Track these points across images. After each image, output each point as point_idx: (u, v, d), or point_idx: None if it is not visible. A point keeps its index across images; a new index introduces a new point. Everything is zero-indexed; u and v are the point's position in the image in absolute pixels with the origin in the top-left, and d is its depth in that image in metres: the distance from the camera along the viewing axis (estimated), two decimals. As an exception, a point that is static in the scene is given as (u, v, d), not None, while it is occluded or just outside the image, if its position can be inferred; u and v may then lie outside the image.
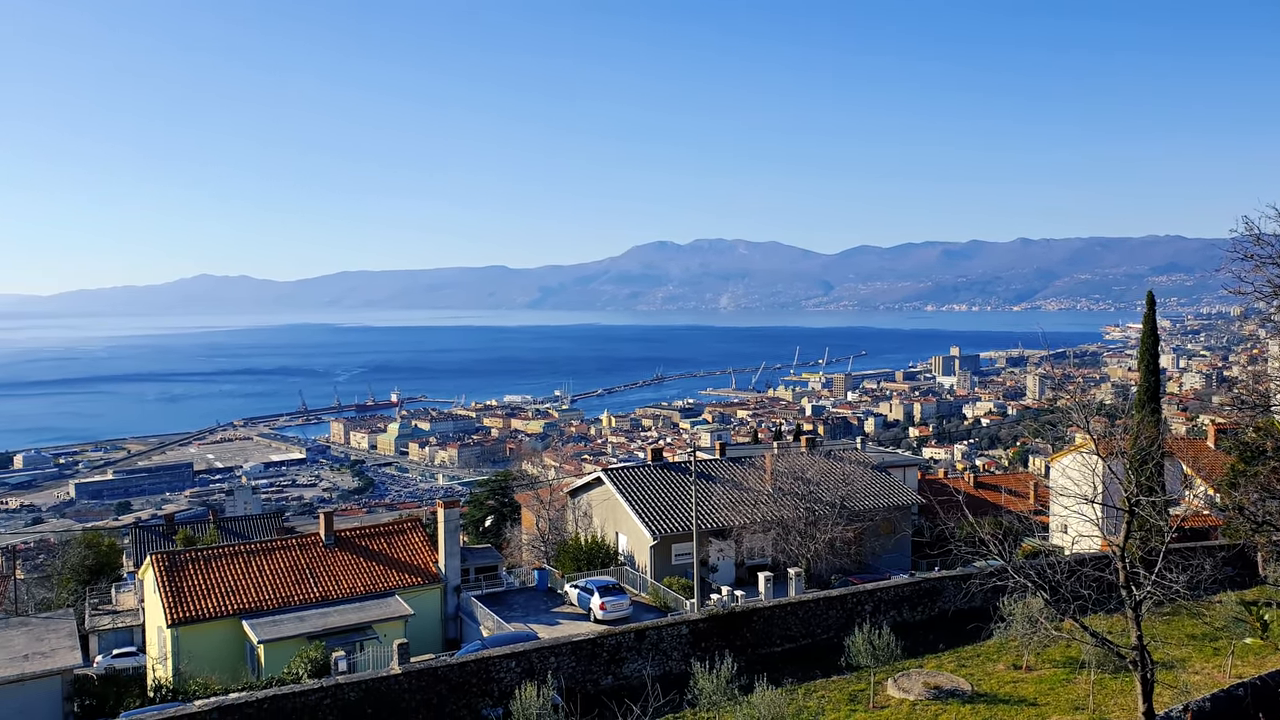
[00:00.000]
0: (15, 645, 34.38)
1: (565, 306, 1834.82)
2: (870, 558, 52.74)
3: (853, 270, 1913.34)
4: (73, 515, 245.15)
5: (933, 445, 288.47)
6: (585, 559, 50.16)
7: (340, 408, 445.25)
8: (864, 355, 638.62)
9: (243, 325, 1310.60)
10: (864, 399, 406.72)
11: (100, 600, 60.57)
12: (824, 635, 37.37)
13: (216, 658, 38.78)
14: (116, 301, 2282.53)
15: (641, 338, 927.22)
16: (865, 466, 57.64)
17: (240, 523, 77.57)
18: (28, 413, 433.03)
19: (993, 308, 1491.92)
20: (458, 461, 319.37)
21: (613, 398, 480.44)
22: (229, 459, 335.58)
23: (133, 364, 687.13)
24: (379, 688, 29.88)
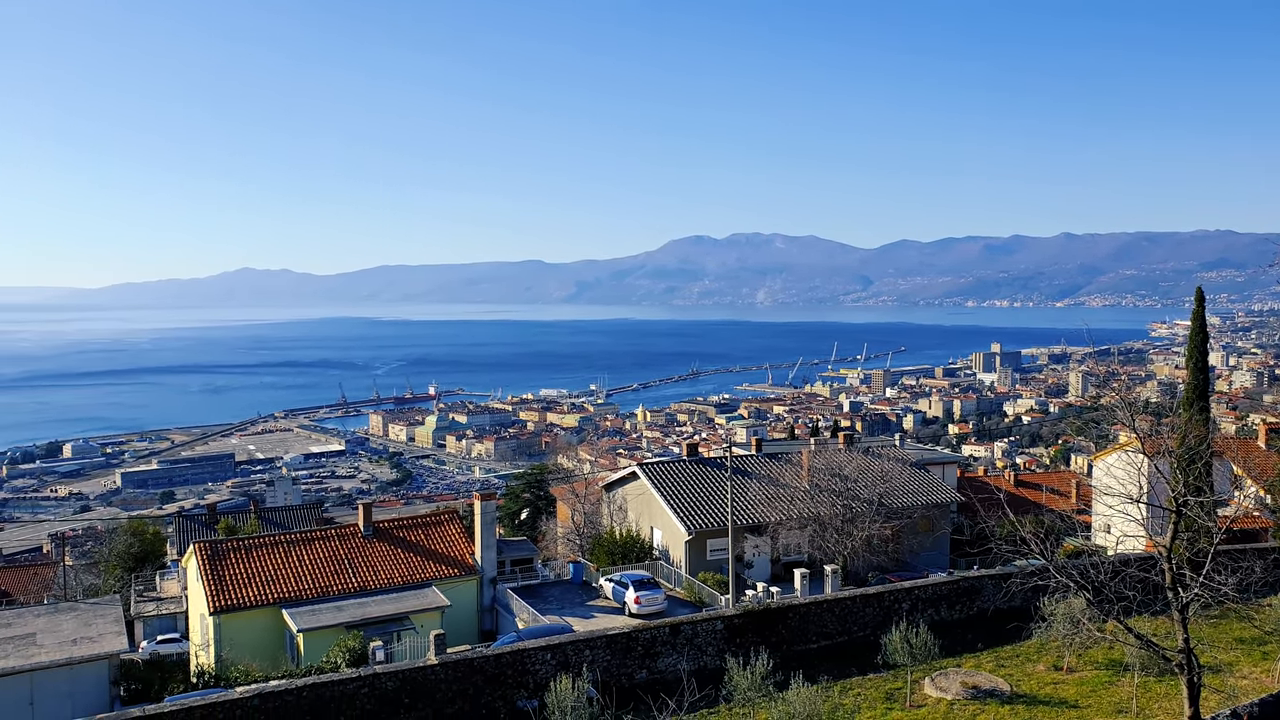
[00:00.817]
0: (64, 630, 35.14)
1: (601, 301, 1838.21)
2: (908, 555, 52.21)
3: (892, 265, 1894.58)
4: (119, 504, 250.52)
5: (972, 443, 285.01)
6: (620, 553, 50.19)
7: (379, 400, 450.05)
8: (903, 351, 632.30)
9: (284, 318, 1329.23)
10: (903, 395, 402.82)
11: (145, 587, 61.78)
12: (860, 633, 37.02)
13: (257, 645, 39.35)
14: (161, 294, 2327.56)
15: (677, 333, 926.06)
16: (903, 464, 57.03)
17: (280, 513, 78.68)
18: (77, 403, 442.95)
19: (1035, 304, 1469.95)
20: (494, 454, 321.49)
21: (648, 392, 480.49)
22: (270, 450, 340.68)
23: (177, 356, 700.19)
24: (416, 678, 30.11)
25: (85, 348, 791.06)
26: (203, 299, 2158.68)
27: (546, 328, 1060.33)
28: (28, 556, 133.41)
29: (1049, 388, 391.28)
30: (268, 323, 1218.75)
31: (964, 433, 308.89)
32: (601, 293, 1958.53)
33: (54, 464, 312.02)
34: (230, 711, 27.59)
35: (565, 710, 25.57)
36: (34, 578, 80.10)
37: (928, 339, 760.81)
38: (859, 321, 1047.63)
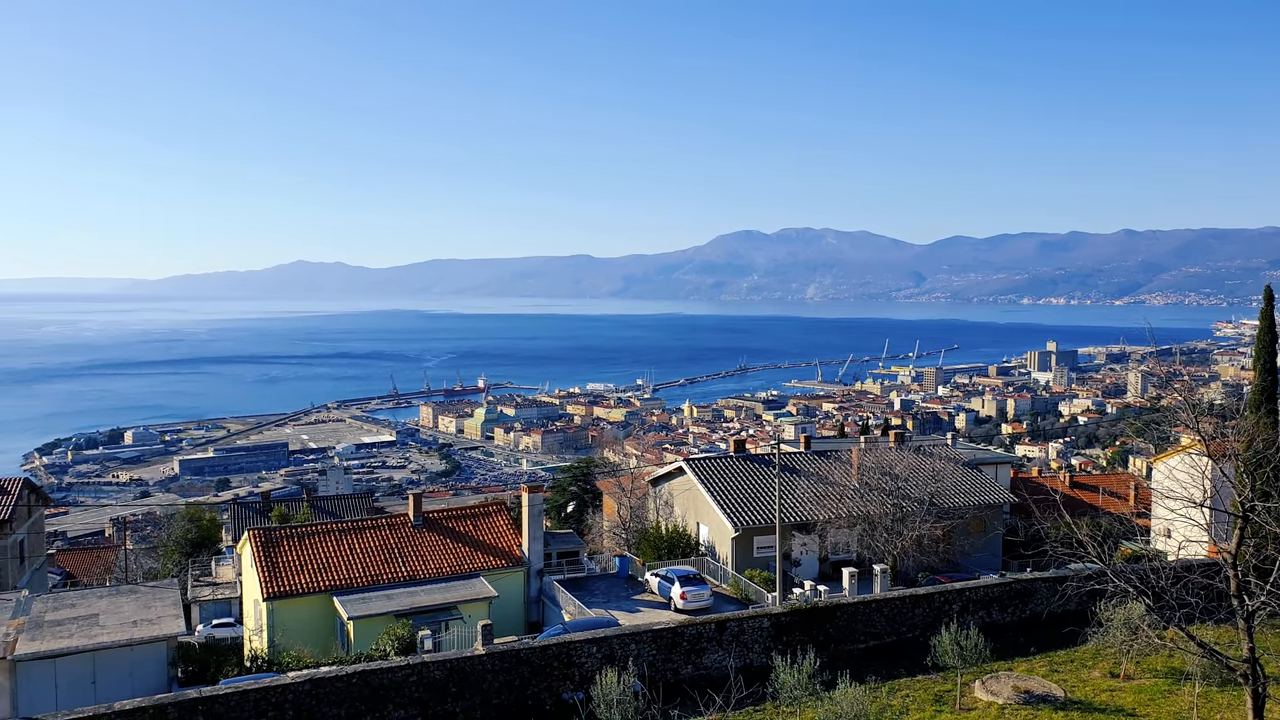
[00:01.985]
0: (125, 611, 36.05)
1: (648, 296, 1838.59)
2: (959, 556, 51.39)
3: (945, 261, 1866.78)
4: (177, 490, 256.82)
5: (1026, 443, 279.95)
6: (666, 548, 50.13)
7: (429, 392, 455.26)
8: (956, 349, 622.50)
9: (337, 310, 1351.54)
10: (955, 394, 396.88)
11: (201, 572, 63.17)
12: (909, 634, 36.57)
13: (308, 631, 39.99)
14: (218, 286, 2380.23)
15: (725, 328, 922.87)
16: (955, 463, 56.14)
17: (332, 502, 79.86)
18: (138, 391, 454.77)
19: (1093, 301, 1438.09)
20: (541, 447, 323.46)
21: (694, 388, 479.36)
22: (322, 440, 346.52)
23: (233, 346, 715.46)
24: (463, 667, 30.37)
25: (146, 337, 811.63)
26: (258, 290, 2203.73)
27: (594, 322, 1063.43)
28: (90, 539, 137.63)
29: (1106, 388, 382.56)
30: (321, 314, 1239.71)
31: (1018, 432, 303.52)
32: (649, 287, 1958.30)
33: (116, 450, 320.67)
34: (283, 696, 28.10)
35: (611, 703, 25.58)
36: (96, 560, 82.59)
37: (981, 337, 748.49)
38: (911, 318, 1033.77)
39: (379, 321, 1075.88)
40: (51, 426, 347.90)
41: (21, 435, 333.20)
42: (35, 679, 31.90)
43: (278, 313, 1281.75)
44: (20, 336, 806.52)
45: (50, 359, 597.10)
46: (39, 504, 61.76)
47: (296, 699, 28.18)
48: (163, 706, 27.01)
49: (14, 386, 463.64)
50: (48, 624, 34.63)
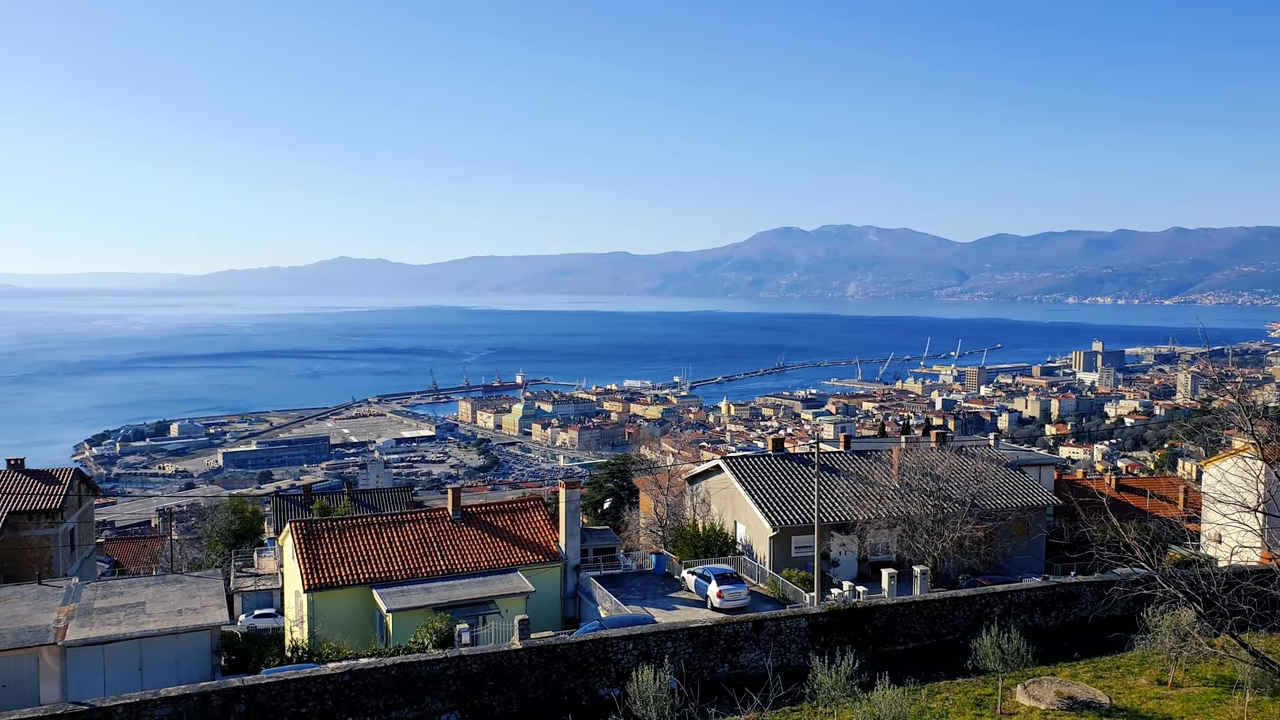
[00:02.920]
0: (170, 600, 36.71)
1: (686, 293, 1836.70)
2: (1001, 559, 50.63)
3: (989, 259, 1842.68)
4: (220, 482, 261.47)
5: (1070, 444, 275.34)
6: (703, 546, 49.98)
7: (468, 387, 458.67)
8: (999, 348, 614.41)
9: (378, 306, 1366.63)
10: (998, 394, 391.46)
11: (244, 563, 64.21)
12: (949, 636, 36.08)
13: (348, 623, 40.42)
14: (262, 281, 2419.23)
15: (763, 325, 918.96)
16: (998, 464, 55.33)
17: (372, 495, 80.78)
18: (183, 384, 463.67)
19: (1141, 301, 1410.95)
20: (578, 444, 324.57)
21: (732, 385, 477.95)
22: (363, 434, 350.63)
23: (276, 341, 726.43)
24: (500, 661, 30.50)
25: (191, 332, 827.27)
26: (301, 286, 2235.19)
27: (631, 319, 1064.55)
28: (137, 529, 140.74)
29: (1155, 389, 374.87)
30: (363, 310, 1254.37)
31: (1062, 434, 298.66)
32: (687, 284, 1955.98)
33: (162, 442, 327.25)
34: (323, 686, 28.41)
35: (647, 700, 25.50)
36: (143, 550, 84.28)
37: (1025, 336, 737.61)
38: (953, 317, 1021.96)
39: (419, 317, 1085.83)
40: (101, 418, 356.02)
41: (72, 426, 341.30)
42: (85, 664, 32.59)
43: (320, 308, 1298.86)
44: (72, 330, 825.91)
45: (100, 352, 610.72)
46: (89, 494, 63.14)
47: (336, 689, 28.49)
48: (206, 694, 27.45)
49: (66, 379, 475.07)
50: (97, 611, 35.36)
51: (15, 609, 35.55)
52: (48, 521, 52.62)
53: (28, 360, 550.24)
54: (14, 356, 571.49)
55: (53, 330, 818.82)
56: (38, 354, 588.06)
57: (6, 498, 51.89)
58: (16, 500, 51.99)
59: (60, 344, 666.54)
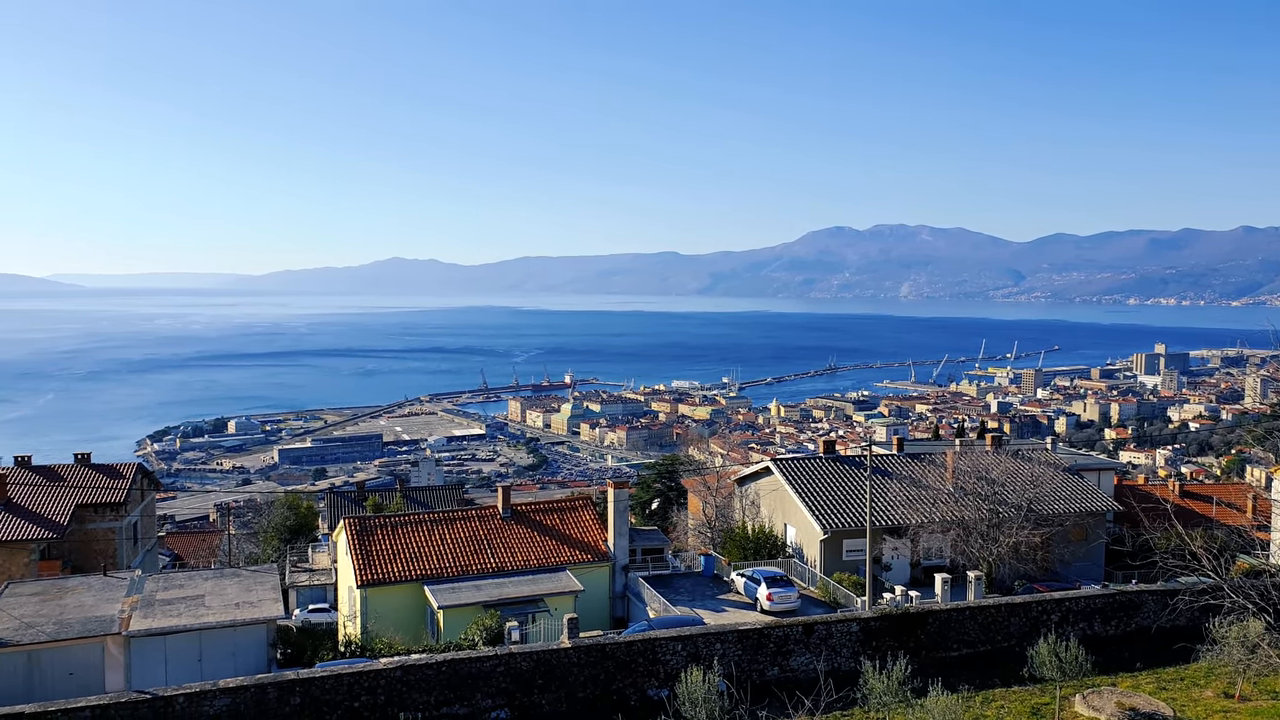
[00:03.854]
0: (229, 594, 37.49)
1: (736, 293, 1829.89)
2: (1058, 565, 49.54)
3: (1046, 259, 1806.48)
4: (276, 478, 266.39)
5: (1131, 449, 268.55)
6: (752, 548, 49.65)
7: (518, 387, 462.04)
8: (1056, 350, 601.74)
9: (431, 306, 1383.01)
10: (1055, 397, 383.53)
11: (299, 558, 65.31)
12: (1005, 643, 35.42)
13: (400, 619, 40.90)
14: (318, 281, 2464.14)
15: (814, 326, 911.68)
16: (1055, 468, 54.13)
17: (424, 492, 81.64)
18: (241, 382, 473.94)
19: (1207, 302, 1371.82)
20: (626, 444, 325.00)
21: (782, 386, 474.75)
22: (415, 432, 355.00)
23: (331, 340, 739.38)
24: (549, 660, 30.62)
25: (249, 331, 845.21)
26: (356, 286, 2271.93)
27: (680, 319, 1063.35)
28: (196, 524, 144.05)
29: (1221, 393, 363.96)
30: (416, 310, 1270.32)
31: (1122, 438, 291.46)
32: (736, 284, 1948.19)
33: (220, 439, 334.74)
34: (375, 681, 28.80)
35: (696, 701, 25.41)
36: (202, 543, 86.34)
37: (1084, 338, 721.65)
38: (1009, 318, 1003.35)
39: (470, 317, 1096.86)
40: (162, 415, 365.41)
41: (135, 423, 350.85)
42: (147, 654, 33.43)
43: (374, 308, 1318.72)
44: (134, 329, 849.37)
45: (161, 350, 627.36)
46: (151, 488, 64.84)
47: (388, 684, 28.86)
48: (263, 686, 27.99)
49: (129, 376, 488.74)
50: (158, 603, 36.25)
51: (82, 599, 36.61)
52: (112, 515, 54.14)
53: (94, 358, 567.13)
54: (81, 354, 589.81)
55: (117, 329, 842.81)
56: (103, 352, 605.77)
57: (74, 491, 53.52)
58: (83, 494, 53.60)
59: (124, 342, 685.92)
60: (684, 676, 26.48)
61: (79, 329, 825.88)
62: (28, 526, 49.51)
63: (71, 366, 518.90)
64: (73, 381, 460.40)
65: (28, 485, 53.01)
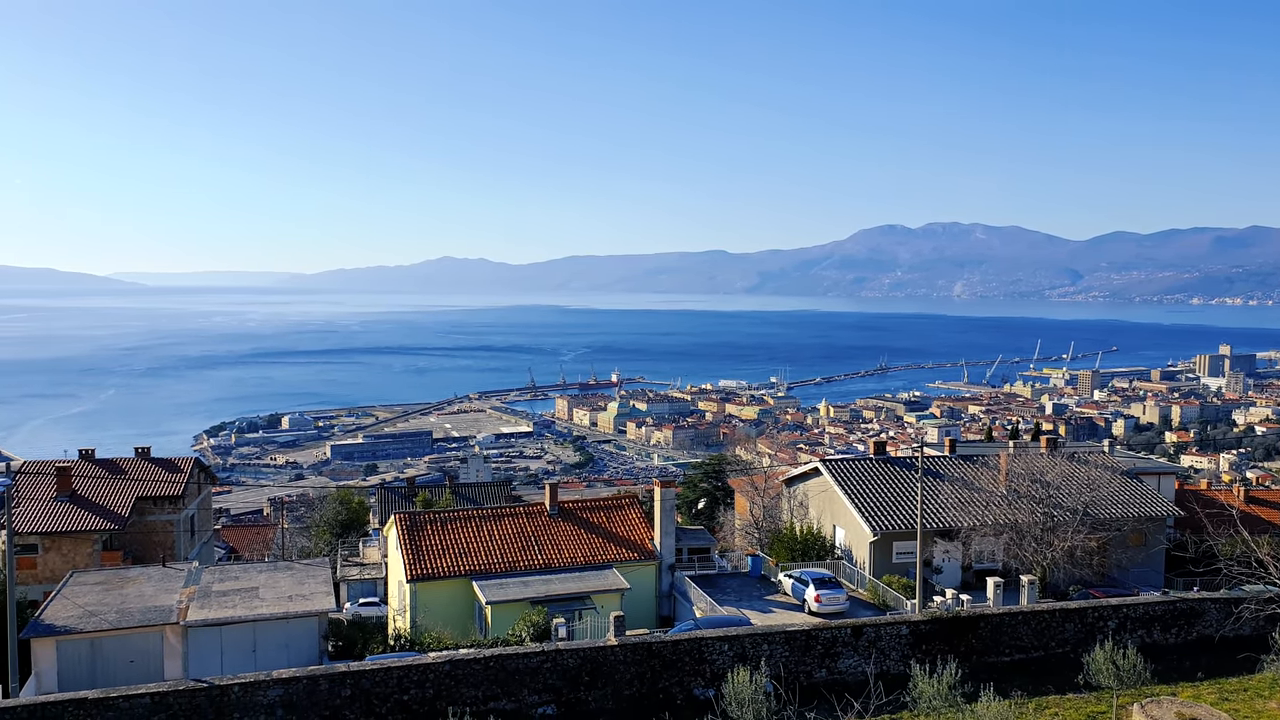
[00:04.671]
0: (282, 586, 38.19)
1: (785, 292, 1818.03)
2: (1115, 570, 48.42)
3: (1105, 258, 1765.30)
4: (328, 473, 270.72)
5: (1193, 453, 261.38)
6: (800, 549, 49.28)
7: (565, 385, 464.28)
8: (1115, 351, 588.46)
9: (479, 305, 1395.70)
10: (1113, 399, 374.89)
11: (350, 552, 66.36)
12: (1059, 650, 34.73)
13: (448, 614, 41.28)
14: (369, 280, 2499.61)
15: (865, 325, 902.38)
16: (1113, 471, 52.90)
17: (473, 489, 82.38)
18: (295, 379, 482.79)
19: (1275, 302, 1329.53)
20: (672, 443, 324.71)
21: (831, 387, 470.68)
22: (464, 429, 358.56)
23: (382, 338, 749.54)
24: (596, 657, 30.67)
25: (303, 328, 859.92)
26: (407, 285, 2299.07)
27: (728, 318, 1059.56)
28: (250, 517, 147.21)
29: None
30: (465, 309, 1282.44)
31: (1184, 441, 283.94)
32: (786, 283, 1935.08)
33: (274, 434, 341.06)
34: (424, 675, 29.11)
35: (743, 702, 25.25)
36: (256, 537, 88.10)
37: (1144, 339, 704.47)
38: (1065, 318, 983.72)
39: (519, 316, 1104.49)
40: (218, 410, 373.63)
41: (192, 418, 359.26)
42: (204, 644, 34.20)
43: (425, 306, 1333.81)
44: (192, 326, 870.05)
45: (218, 347, 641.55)
46: (207, 482, 66.34)
47: (437, 678, 29.14)
48: (315, 678, 28.44)
49: (186, 372, 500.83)
50: (215, 594, 37.05)
51: (142, 589, 37.57)
52: (171, 507, 55.50)
53: (153, 354, 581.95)
54: (142, 350, 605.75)
55: (175, 326, 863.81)
56: (162, 348, 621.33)
57: (135, 484, 54.95)
58: (143, 487, 55.03)
59: (182, 339, 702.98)
60: (730, 676, 26.34)
61: (139, 326, 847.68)
62: (91, 518, 50.98)
63: (132, 363, 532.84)
64: (133, 377, 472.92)
65: (91, 478, 54.58)
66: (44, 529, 49.75)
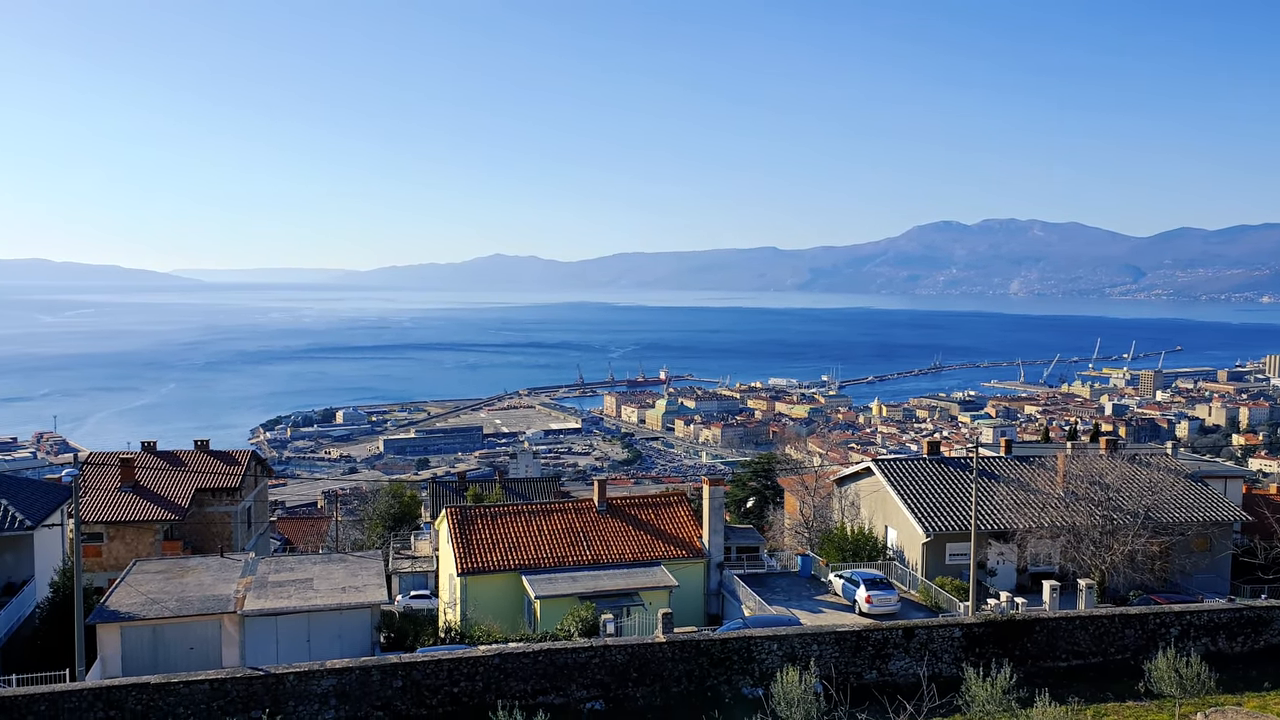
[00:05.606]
0: (335, 578, 38.82)
1: (837, 289, 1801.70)
2: (1177, 576, 47.08)
3: (1169, 255, 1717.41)
4: (381, 467, 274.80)
5: (1263, 456, 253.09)
6: (851, 550, 48.75)
7: (613, 382, 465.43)
8: (1178, 351, 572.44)
9: (530, 302, 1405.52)
10: (1176, 400, 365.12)
11: (401, 545, 67.24)
12: (1118, 656, 33.90)
13: (497, 607, 41.60)
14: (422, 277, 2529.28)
15: (919, 323, 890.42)
16: (1176, 474, 51.45)
17: (522, 484, 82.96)
18: (349, 374, 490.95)
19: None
20: (720, 441, 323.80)
21: (884, 385, 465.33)
22: (514, 425, 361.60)
23: (435, 334, 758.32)
24: (644, 653, 30.67)
25: (357, 324, 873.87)
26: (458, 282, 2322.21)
27: (779, 315, 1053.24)
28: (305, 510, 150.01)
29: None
30: (515, 306, 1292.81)
31: (1252, 444, 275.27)
32: (838, 280, 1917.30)
33: (328, 429, 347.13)
34: (474, 667, 29.37)
35: (792, 701, 25.07)
36: (311, 529, 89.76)
37: (1210, 338, 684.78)
38: (1126, 316, 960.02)
39: (568, 313, 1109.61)
40: (274, 404, 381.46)
41: (249, 411, 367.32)
42: (260, 633, 34.91)
43: (476, 303, 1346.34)
44: (249, 322, 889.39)
45: (274, 343, 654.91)
46: (264, 475, 67.72)
47: (486, 671, 29.39)
48: (368, 669, 28.87)
49: (244, 367, 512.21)
50: (270, 584, 37.79)
51: (201, 578, 38.47)
52: (229, 499, 56.78)
53: (212, 349, 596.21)
54: (201, 345, 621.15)
55: (233, 322, 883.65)
56: (220, 344, 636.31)
57: (194, 476, 56.33)
58: (203, 479, 56.39)
59: (239, 335, 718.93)
60: (780, 676, 26.17)
61: (198, 322, 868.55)
62: (153, 508, 52.37)
63: (191, 357, 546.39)
64: (192, 371, 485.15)
65: (153, 469, 56.06)
66: (109, 518, 51.25)
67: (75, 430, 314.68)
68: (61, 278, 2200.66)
